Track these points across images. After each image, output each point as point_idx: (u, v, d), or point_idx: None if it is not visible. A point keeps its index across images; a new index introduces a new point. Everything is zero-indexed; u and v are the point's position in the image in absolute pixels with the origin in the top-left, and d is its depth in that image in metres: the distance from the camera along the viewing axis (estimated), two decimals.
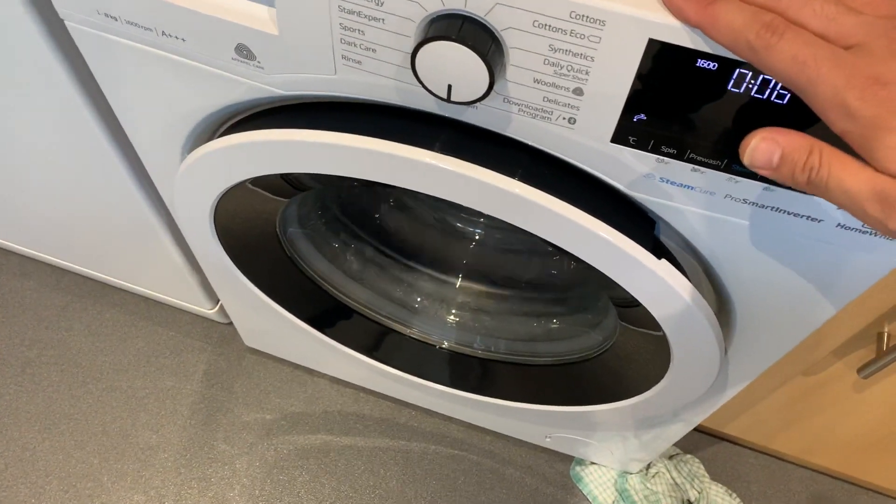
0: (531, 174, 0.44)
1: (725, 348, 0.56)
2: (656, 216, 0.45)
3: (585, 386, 0.69)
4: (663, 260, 0.45)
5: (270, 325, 0.86)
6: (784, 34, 0.28)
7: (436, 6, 0.35)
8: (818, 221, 0.40)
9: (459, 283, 0.78)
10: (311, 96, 0.47)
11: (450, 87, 0.38)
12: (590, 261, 0.46)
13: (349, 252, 0.75)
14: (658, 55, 0.34)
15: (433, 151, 0.44)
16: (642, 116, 0.38)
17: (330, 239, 0.73)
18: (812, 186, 0.30)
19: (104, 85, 0.54)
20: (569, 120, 0.39)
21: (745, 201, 0.41)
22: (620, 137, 0.39)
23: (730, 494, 0.95)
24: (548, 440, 0.91)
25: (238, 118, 0.53)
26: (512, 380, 0.76)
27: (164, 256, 0.86)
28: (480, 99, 0.38)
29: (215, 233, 0.63)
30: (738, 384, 0.62)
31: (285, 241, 0.67)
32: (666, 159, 0.40)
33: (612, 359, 0.64)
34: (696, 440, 1.01)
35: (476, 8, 0.35)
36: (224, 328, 1.07)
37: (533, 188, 0.43)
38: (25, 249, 1.05)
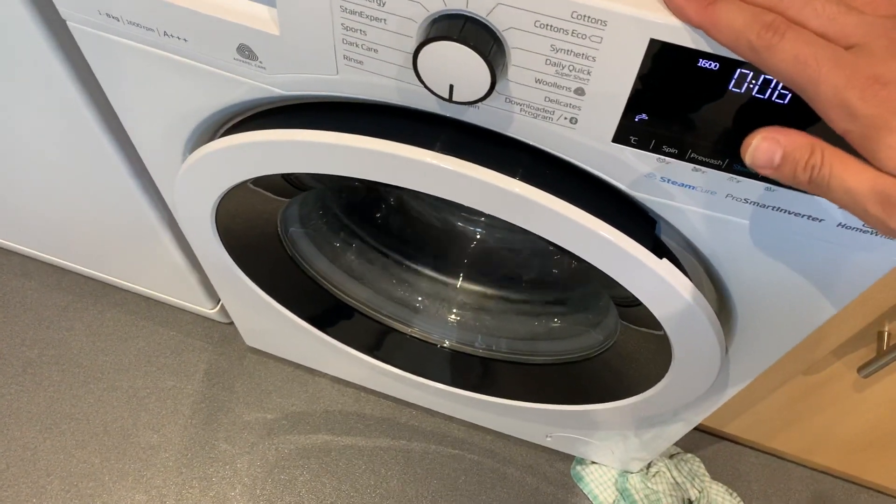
0: (532, 174, 0.44)
1: (726, 347, 0.56)
2: (657, 216, 0.45)
3: (586, 385, 0.70)
4: (664, 259, 0.45)
5: (271, 325, 0.86)
6: (785, 34, 0.28)
7: (437, 6, 0.35)
8: (819, 221, 0.40)
9: (460, 283, 0.78)
10: (313, 96, 0.47)
11: (451, 88, 0.38)
12: (591, 260, 0.47)
13: (350, 251, 0.75)
14: (659, 55, 0.34)
15: (434, 151, 0.44)
16: (644, 116, 0.38)
17: (331, 238, 0.73)
18: (813, 186, 0.30)
19: (106, 85, 0.54)
20: (570, 120, 0.39)
21: (747, 201, 0.41)
22: (622, 137, 0.39)
23: (730, 493, 0.95)
24: (548, 439, 0.91)
25: (239, 118, 0.53)
26: (513, 379, 0.76)
27: (165, 256, 0.86)
28: (482, 99, 0.38)
29: (216, 232, 0.63)
30: (739, 383, 0.62)
31: (286, 241, 0.67)
32: (667, 159, 0.40)
33: (613, 358, 0.64)
34: (697, 439, 1.01)
35: (478, 8, 0.35)
36: (225, 328, 1.07)
37: (534, 188, 0.43)
38: (26, 249, 1.05)
